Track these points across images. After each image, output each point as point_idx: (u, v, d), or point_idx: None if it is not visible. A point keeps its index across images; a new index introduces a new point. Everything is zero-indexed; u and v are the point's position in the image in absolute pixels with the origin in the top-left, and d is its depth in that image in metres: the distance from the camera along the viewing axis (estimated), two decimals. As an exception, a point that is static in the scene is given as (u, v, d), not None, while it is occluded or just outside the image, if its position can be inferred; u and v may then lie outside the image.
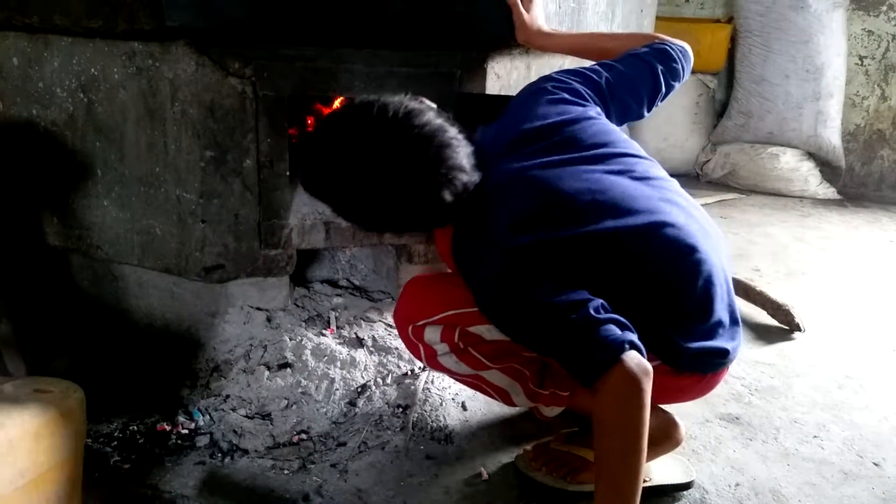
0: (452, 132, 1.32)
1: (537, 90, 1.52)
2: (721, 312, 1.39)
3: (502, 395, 1.58)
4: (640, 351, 1.21)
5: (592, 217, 1.31)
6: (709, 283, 1.35)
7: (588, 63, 1.61)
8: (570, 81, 1.52)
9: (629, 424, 1.20)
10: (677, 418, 1.58)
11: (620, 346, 1.19)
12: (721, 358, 1.41)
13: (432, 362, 1.57)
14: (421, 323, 1.51)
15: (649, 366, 1.20)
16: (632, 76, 1.56)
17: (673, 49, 1.60)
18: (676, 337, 1.36)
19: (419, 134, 1.27)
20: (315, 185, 1.33)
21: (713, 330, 1.39)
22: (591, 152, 1.40)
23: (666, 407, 1.59)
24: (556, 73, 1.56)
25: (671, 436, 1.57)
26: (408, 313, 1.55)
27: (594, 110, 1.49)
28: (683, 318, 1.37)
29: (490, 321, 1.39)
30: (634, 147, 1.47)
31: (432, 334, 1.51)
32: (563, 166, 1.37)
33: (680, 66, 1.60)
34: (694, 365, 1.41)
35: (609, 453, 1.22)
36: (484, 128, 1.53)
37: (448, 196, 1.28)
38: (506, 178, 1.38)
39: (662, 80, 1.57)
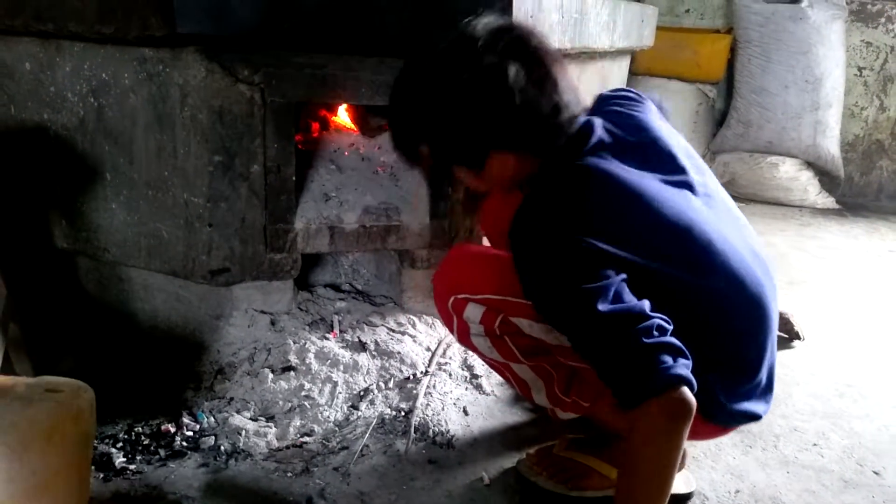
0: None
1: (644, 101, 1.48)
2: (764, 374, 1.38)
3: (523, 388, 1.58)
4: (690, 385, 1.14)
5: (682, 261, 1.26)
6: (764, 345, 1.35)
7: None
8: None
9: (661, 459, 1.18)
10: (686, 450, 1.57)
11: (673, 379, 1.13)
12: (751, 421, 1.41)
13: (464, 338, 1.54)
14: (464, 296, 1.46)
15: (694, 403, 1.14)
16: None
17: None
18: (719, 391, 1.33)
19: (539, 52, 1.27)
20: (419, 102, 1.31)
21: (753, 390, 1.38)
22: (684, 177, 1.36)
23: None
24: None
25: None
26: (453, 282, 1.49)
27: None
28: (732, 372, 1.35)
29: (536, 307, 1.29)
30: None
31: (473, 312, 1.46)
32: (664, 186, 1.32)
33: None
34: (724, 420, 1.40)
35: (634, 480, 1.21)
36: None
37: (546, 108, 1.26)
38: (604, 171, 1.30)
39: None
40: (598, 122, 1.36)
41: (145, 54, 1.70)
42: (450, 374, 1.96)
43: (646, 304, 1.17)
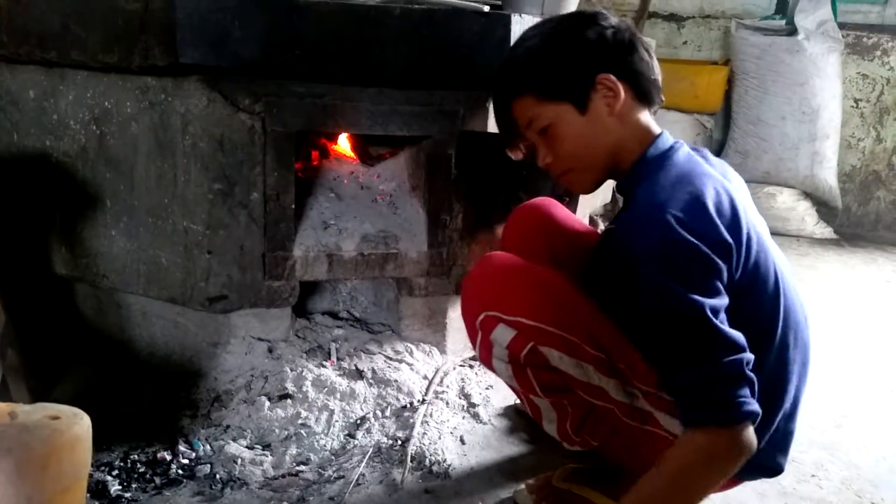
0: None
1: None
2: (794, 429, 1.39)
3: (535, 414, 1.54)
4: (756, 422, 1.16)
5: (764, 291, 1.29)
6: (798, 400, 1.37)
7: None
8: None
9: (698, 487, 1.19)
10: None
11: (751, 416, 1.14)
12: (770, 476, 1.44)
13: (485, 357, 1.48)
14: (496, 315, 1.39)
15: (755, 446, 1.16)
16: None
17: None
18: (760, 440, 1.30)
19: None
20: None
21: (781, 444, 1.39)
22: None
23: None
24: None
25: None
26: (487, 296, 1.42)
27: None
28: (772, 424, 1.34)
29: (613, 300, 1.28)
30: None
31: (502, 335, 1.39)
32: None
33: None
34: (746, 474, 1.38)
35: (657, 493, 1.20)
36: None
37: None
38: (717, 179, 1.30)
39: None
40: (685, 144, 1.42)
41: (148, 83, 1.71)
42: (447, 403, 1.96)
43: (741, 335, 1.18)
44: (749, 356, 1.16)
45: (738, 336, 1.17)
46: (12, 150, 1.88)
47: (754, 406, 1.15)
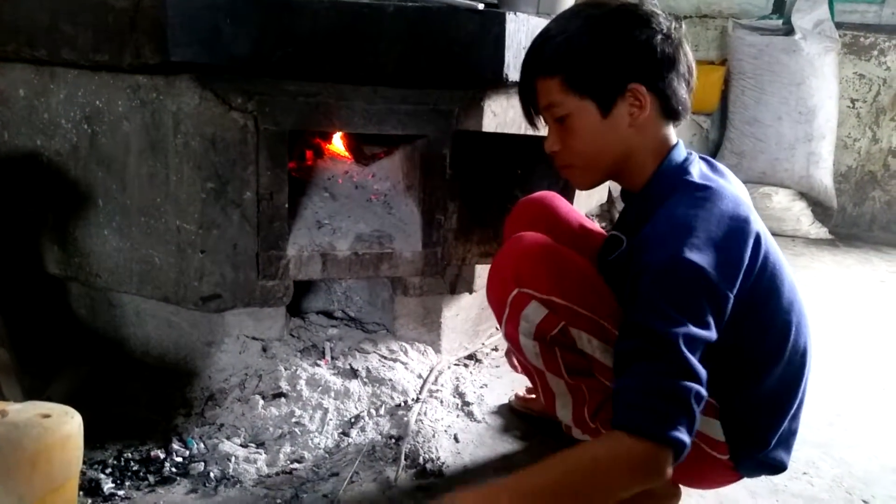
0: None
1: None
2: (798, 420, 1.40)
3: (548, 400, 1.54)
4: (676, 459, 1.11)
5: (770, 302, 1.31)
6: (803, 397, 1.38)
7: None
8: None
9: (607, 487, 1.12)
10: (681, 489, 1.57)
11: (675, 442, 1.09)
12: (774, 473, 1.44)
13: (511, 334, 1.48)
14: (530, 292, 1.40)
15: (667, 477, 1.11)
16: None
17: None
18: (767, 438, 1.35)
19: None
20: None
21: (786, 441, 1.40)
22: None
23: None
24: None
25: (670, 500, 1.56)
26: (523, 273, 1.41)
27: None
28: (781, 423, 1.37)
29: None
30: None
31: (534, 312, 1.40)
32: None
33: None
34: (750, 470, 1.42)
35: (562, 479, 1.14)
36: None
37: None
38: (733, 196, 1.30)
39: None
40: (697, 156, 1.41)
41: (139, 82, 1.71)
42: (441, 402, 1.96)
43: (706, 374, 1.15)
44: (703, 393, 1.13)
45: (702, 371, 1.14)
46: (3, 149, 1.88)
47: (686, 439, 1.10)
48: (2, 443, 1.12)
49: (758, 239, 1.26)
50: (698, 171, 1.35)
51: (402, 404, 1.92)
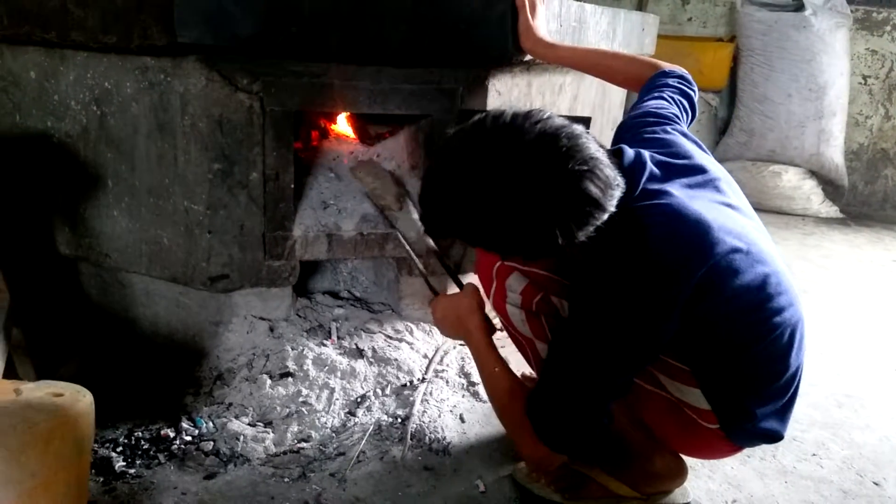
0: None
1: (675, 129, 1.45)
2: (792, 393, 1.40)
3: (539, 367, 1.58)
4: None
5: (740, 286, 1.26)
6: (799, 365, 1.38)
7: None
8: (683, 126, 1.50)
9: (509, 424, 1.45)
10: (687, 465, 1.59)
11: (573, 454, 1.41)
12: (770, 442, 1.44)
13: (498, 303, 1.55)
14: (511, 263, 1.49)
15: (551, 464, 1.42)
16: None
17: (686, 80, 1.63)
18: (756, 409, 1.36)
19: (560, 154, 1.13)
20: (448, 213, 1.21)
21: (779, 413, 1.40)
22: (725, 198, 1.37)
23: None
24: (665, 114, 1.49)
25: (675, 478, 1.59)
26: None
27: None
28: (768, 401, 1.37)
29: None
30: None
31: (516, 282, 1.48)
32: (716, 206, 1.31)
33: (694, 90, 1.63)
34: (745, 440, 1.43)
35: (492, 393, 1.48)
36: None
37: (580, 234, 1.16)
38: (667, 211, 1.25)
39: (695, 105, 1.61)
40: (647, 156, 1.32)
41: (147, 63, 1.72)
42: (447, 382, 1.97)
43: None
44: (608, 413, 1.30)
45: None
46: (14, 130, 1.89)
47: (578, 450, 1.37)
48: (15, 421, 1.13)
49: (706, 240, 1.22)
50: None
51: (408, 384, 1.93)
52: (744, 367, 1.32)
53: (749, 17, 4.38)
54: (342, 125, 2.27)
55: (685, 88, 1.61)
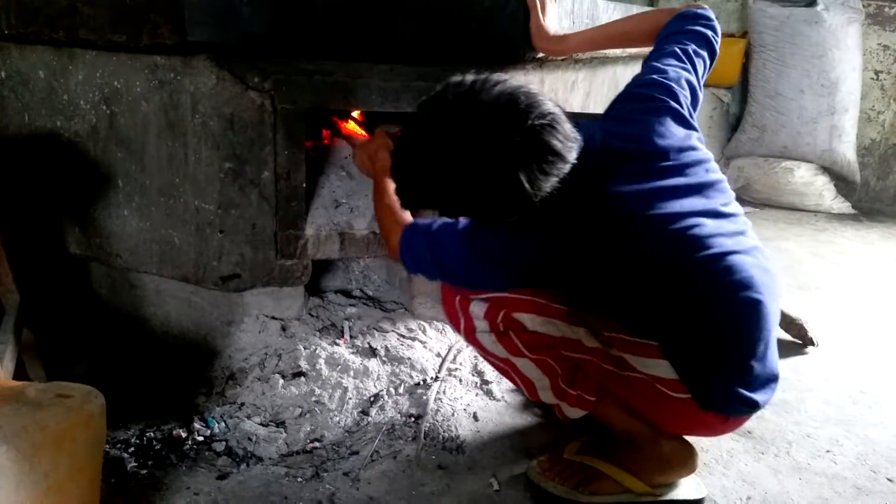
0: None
1: (663, 108, 1.49)
2: (762, 366, 1.42)
3: (528, 387, 1.60)
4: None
5: (671, 268, 1.36)
6: (763, 338, 1.39)
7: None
8: (679, 97, 1.51)
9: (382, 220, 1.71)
10: (695, 447, 1.59)
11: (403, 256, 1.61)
12: (751, 409, 1.45)
13: (469, 336, 1.58)
14: (470, 296, 1.53)
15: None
16: (695, 67, 1.59)
17: (705, 19, 1.65)
18: (714, 378, 1.40)
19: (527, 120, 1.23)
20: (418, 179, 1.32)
21: (751, 381, 1.42)
22: (694, 179, 1.44)
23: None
24: (662, 81, 1.53)
25: (686, 463, 1.58)
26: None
27: (696, 135, 1.51)
28: (728, 364, 1.40)
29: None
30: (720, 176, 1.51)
31: (477, 308, 1.52)
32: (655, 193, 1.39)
33: (714, 29, 1.65)
34: (721, 407, 1.44)
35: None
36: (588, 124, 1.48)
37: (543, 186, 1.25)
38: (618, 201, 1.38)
39: (715, 44, 1.65)
40: (598, 138, 1.41)
41: (157, 62, 1.71)
42: (460, 380, 1.96)
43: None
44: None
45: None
46: (24, 130, 1.89)
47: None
48: (27, 422, 1.13)
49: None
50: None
51: (421, 383, 1.92)
52: (698, 333, 1.38)
53: (761, 12, 4.36)
54: (354, 123, 2.26)
55: (701, 31, 1.62)
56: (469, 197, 1.28)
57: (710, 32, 1.63)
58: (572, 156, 1.26)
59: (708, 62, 1.63)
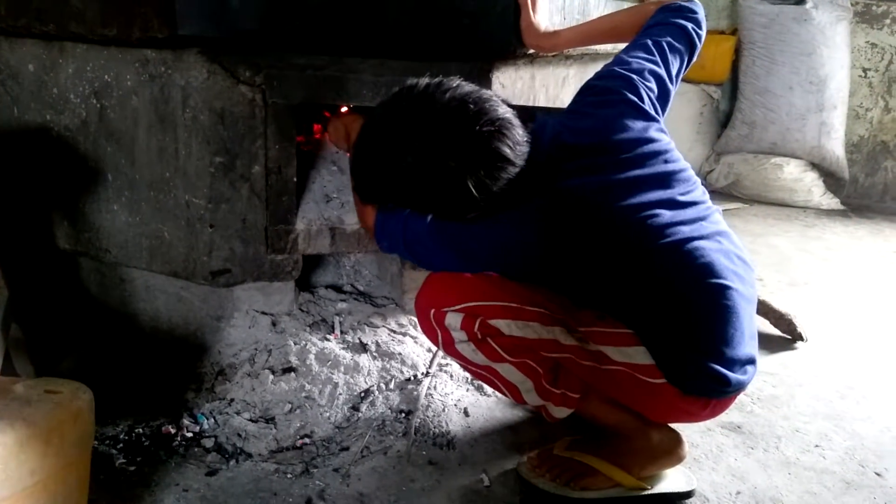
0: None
1: (619, 101, 1.52)
2: (734, 349, 1.43)
3: (513, 392, 1.59)
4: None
5: (636, 257, 1.39)
6: (730, 320, 1.40)
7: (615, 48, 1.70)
8: (640, 89, 1.53)
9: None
10: (682, 435, 1.61)
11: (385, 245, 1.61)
12: (727, 388, 1.45)
13: (449, 349, 1.58)
14: (444, 309, 1.53)
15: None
16: (669, 60, 1.60)
17: (687, 12, 1.66)
18: (687, 360, 1.42)
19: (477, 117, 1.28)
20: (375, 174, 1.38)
21: (729, 362, 1.43)
22: (651, 170, 1.46)
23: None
24: (622, 73, 1.56)
25: (674, 452, 1.59)
26: (431, 300, 1.56)
27: (656, 126, 1.53)
28: (699, 349, 1.42)
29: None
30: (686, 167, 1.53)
31: (453, 320, 1.52)
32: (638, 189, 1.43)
33: (697, 21, 1.66)
34: (699, 389, 1.45)
35: None
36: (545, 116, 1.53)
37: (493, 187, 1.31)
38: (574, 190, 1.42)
39: (695, 36, 1.66)
40: (549, 134, 1.46)
41: (147, 56, 1.70)
42: (451, 376, 1.96)
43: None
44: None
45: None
46: (13, 124, 1.87)
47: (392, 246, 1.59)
48: (14, 418, 1.12)
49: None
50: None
51: (412, 378, 1.92)
52: (662, 319, 1.41)
53: (750, 9, 4.37)
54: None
55: (680, 23, 1.63)
56: (420, 197, 1.35)
57: (690, 25, 1.63)
58: (521, 159, 1.32)
59: (686, 55, 1.63)
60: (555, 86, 2.26)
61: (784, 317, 2.44)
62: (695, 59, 1.66)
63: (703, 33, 1.66)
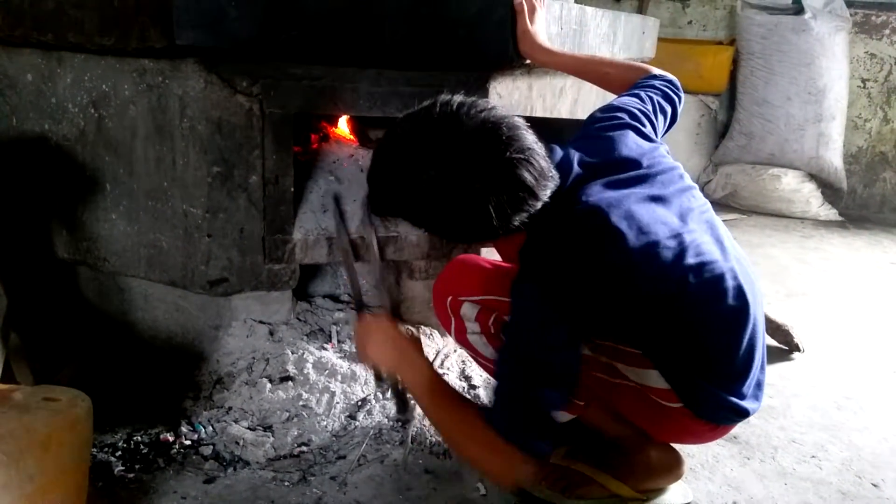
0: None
1: (624, 124, 1.49)
2: (754, 375, 1.42)
3: None
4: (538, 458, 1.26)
5: (661, 279, 1.32)
6: (752, 347, 1.39)
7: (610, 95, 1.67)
8: (641, 118, 1.53)
9: (468, 454, 1.35)
10: (682, 455, 1.61)
11: (540, 455, 1.26)
12: (740, 417, 1.44)
13: (461, 337, 1.60)
14: (460, 297, 1.55)
15: (527, 474, 1.31)
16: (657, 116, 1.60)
17: (673, 84, 1.67)
18: (704, 388, 1.39)
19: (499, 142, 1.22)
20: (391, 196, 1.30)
21: (741, 391, 1.42)
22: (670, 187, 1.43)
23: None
24: (622, 106, 1.55)
25: (672, 470, 1.59)
26: (450, 286, 1.58)
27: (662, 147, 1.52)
28: (720, 375, 1.40)
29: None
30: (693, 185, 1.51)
31: (469, 311, 1.54)
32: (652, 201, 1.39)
33: (680, 97, 1.67)
34: (712, 416, 1.44)
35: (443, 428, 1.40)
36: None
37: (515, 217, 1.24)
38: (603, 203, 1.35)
39: (678, 106, 1.66)
40: (575, 157, 1.40)
41: (145, 66, 1.71)
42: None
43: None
44: (562, 394, 1.28)
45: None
46: (11, 133, 1.88)
47: (542, 449, 1.26)
48: (13, 426, 1.13)
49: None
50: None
51: (409, 387, 1.92)
52: (688, 345, 1.36)
53: (749, 20, 4.39)
54: (342, 127, 2.27)
55: (667, 90, 1.64)
56: (437, 216, 1.28)
57: (675, 97, 1.64)
58: (545, 193, 1.25)
59: (669, 117, 1.63)
60: (552, 96, 2.27)
61: (781, 327, 2.45)
62: (671, 129, 1.66)
63: (680, 111, 1.67)
